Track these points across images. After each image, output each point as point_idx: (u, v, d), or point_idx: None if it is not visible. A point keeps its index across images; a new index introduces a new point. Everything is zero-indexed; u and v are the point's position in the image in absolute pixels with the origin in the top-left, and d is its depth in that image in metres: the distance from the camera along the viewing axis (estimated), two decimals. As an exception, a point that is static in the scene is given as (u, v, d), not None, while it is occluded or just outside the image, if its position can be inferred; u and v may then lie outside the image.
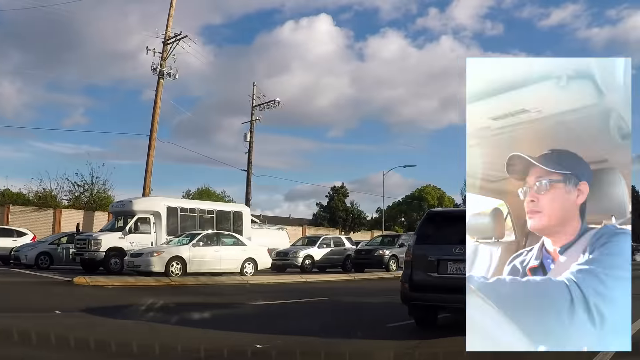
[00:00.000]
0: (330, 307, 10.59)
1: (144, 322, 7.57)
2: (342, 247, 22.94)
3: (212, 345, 5.71)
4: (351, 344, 6.32)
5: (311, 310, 10.05)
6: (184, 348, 5.53)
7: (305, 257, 21.36)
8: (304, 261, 21.18)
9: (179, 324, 7.41)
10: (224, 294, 12.18)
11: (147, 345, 5.58)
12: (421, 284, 7.01)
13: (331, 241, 23.04)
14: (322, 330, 7.24)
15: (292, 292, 12.75)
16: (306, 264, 21.23)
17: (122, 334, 6.50)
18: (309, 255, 21.46)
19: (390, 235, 27.47)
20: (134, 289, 12.73)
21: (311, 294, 12.27)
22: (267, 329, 7.14)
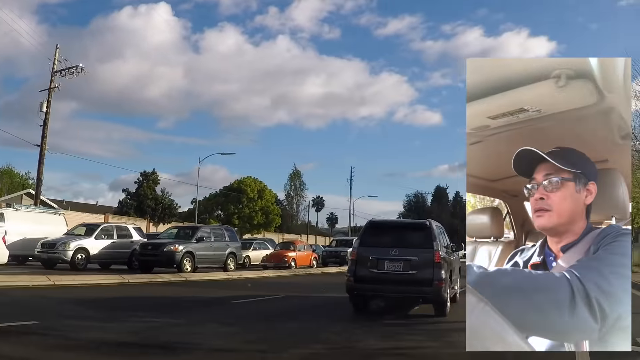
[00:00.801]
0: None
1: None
2: (128, 239, 18.08)
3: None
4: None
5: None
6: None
7: (78, 250, 16.22)
8: (75, 255, 16.06)
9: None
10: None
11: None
12: (363, 278, 8.96)
13: (114, 231, 17.91)
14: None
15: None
16: (78, 259, 16.13)
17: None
18: (82, 248, 16.37)
19: (188, 227, 22.92)
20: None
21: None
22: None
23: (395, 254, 9.00)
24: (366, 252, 9.19)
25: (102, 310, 8.88)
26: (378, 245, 9.23)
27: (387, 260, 8.96)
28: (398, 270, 8.96)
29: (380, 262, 9.01)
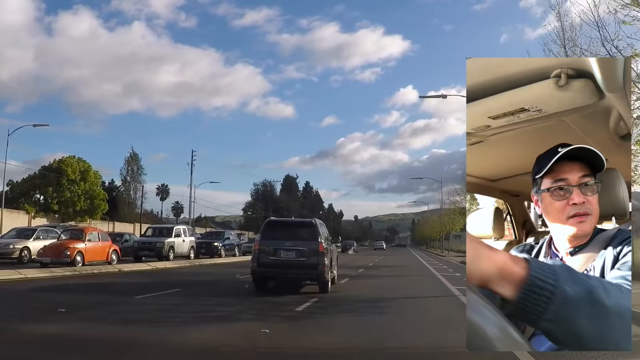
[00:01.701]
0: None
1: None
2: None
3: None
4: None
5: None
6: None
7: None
8: None
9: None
10: None
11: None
12: (264, 263, 12.02)
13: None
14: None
15: None
16: None
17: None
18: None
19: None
20: None
21: None
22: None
23: (289, 245, 12.09)
24: (266, 243, 12.26)
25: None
26: (275, 238, 12.25)
27: (282, 250, 12.08)
28: (291, 258, 12.07)
29: (277, 251, 12.12)
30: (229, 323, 8.20)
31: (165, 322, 8.21)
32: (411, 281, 19.35)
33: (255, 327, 7.71)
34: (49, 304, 9.80)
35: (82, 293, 12.47)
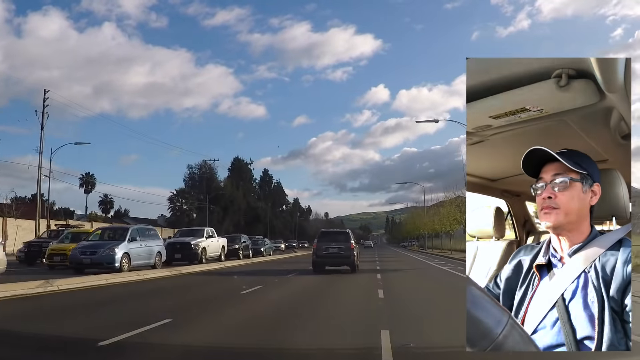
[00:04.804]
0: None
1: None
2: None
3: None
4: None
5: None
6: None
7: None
8: None
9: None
10: None
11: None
12: (320, 255, 20.49)
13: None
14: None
15: None
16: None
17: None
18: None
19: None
20: None
21: None
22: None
23: (334, 245, 20.57)
24: (320, 244, 20.64)
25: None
26: (325, 241, 20.76)
27: (330, 247, 20.46)
28: (335, 252, 20.42)
29: (327, 248, 20.44)
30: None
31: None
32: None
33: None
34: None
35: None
